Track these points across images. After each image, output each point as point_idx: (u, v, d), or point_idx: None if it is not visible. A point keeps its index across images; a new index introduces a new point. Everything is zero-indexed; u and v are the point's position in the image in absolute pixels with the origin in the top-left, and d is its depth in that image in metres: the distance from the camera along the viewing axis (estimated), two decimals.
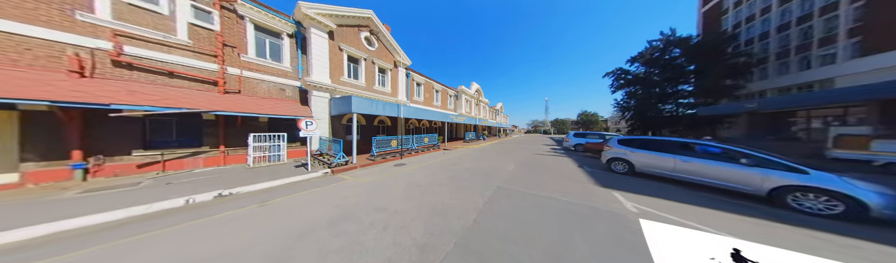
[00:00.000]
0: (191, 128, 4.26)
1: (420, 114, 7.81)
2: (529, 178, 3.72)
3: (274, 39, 5.52)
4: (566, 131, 54.13)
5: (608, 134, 8.36)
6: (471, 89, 18.68)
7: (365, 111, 5.44)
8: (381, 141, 6.34)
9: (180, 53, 4.04)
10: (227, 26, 4.62)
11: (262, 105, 4.88)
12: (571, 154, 7.57)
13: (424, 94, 12.33)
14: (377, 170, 4.59)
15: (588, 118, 47.44)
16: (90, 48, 3.22)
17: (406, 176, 3.88)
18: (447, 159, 6.09)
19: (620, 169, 4.15)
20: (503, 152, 8.09)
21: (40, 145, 2.95)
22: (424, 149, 8.16)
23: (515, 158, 6.25)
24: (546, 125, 58.11)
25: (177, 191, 2.80)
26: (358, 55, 7.41)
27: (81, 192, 2.75)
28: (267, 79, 5.32)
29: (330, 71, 6.40)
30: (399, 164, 5.37)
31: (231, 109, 4.06)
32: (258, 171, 4.18)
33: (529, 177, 3.79)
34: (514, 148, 9.74)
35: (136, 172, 3.68)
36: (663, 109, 13.57)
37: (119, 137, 3.51)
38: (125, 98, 3.14)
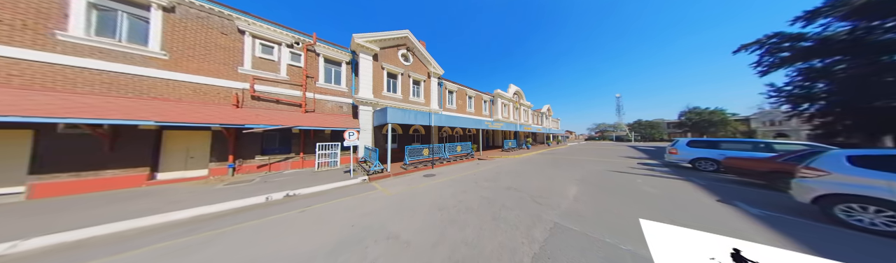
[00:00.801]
0: (285, 140, 5.83)
1: (452, 122, 7.52)
2: (615, 213, 2.34)
3: (336, 67, 7.00)
4: (658, 137, 36.73)
5: (784, 142, 4.68)
6: (508, 92, 16.91)
7: (399, 121, 5.69)
8: (413, 151, 6.42)
9: (282, 86, 5.74)
10: (309, 62, 6.26)
11: (326, 120, 6.08)
12: (686, 173, 4.78)
13: (457, 102, 12.14)
14: (406, 180, 4.50)
15: (703, 117, 27.97)
16: (241, 89, 5.07)
17: (432, 192, 3.49)
18: (481, 172, 5.27)
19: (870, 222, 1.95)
20: (556, 165, 6.31)
21: (217, 151, 4.76)
22: (457, 159, 7.66)
23: (576, 175, 4.58)
24: (620, 129, 42.38)
25: (267, 189, 3.68)
26: (396, 71, 8.25)
27: (226, 184, 4.12)
28: (331, 99, 6.71)
29: (373, 87, 7.37)
30: (429, 175, 5.11)
31: (305, 124, 5.23)
32: (319, 175, 5.04)
33: (616, 211, 2.41)
34: (572, 160, 7.47)
35: (256, 171, 5.28)
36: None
37: (250, 146, 5.21)
38: (253, 119, 4.63)
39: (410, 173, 5.46)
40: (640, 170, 5.18)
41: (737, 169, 3.72)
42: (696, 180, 4.00)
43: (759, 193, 3.10)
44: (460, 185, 3.87)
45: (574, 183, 3.82)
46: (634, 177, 4.29)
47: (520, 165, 6.51)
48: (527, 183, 3.87)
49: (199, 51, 4.59)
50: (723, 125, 26.92)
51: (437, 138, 10.33)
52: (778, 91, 9.39)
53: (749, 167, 3.54)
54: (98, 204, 2.89)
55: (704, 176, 4.36)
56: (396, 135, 8.63)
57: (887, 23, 7.11)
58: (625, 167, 5.80)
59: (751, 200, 2.84)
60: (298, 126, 5.02)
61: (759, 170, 3.34)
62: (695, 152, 5.26)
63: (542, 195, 3.12)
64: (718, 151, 4.95)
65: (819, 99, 8.52)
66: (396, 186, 4.00)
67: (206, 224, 2.34)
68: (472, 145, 9.16)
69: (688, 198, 2.86)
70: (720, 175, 4.54)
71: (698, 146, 5.34)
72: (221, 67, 4.84)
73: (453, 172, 5.45)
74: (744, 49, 9.75)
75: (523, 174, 4.89)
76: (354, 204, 2.92)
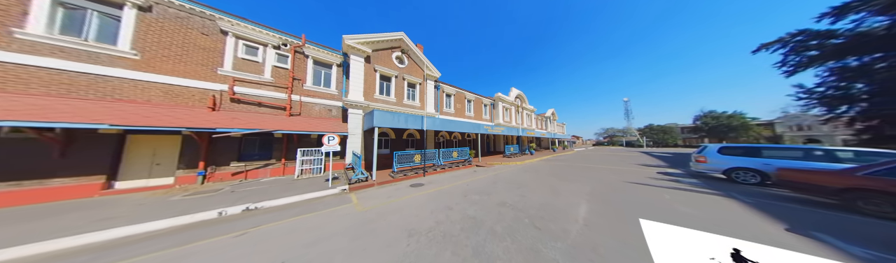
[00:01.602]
0: (266, 145, 5.45)
1: (447, 126, 7.02)
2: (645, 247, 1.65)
3: (326, 69, 6.75)
4: (671, 143, 34.02)
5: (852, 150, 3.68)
6: (509, 96, 16.45)
7: (388, 124, 5.24)
8: (402, 157, 5.90)
9: (266, 89, 5.46)
10: (296, 64, 6.02)
11: (312, 123, 5.70)
12: (722, 186, 3.96)
13: (455, 105, 11.72)
14: (389, 191, 3.97)
15: (720, 121, 26.38)
16: (219, 90, 4.78)
17: (410, 208, 2.93)
18: (476, 182, 4.65)
19: None
20: (561, 174, 5.58)
21: (187, 158, 4.38)
22: (452, 166, 7.06)
23: (585, 188, 3.86)
24: (630, 134, 40.33)
25: (229, 201, 3.22)
26: (389, 73, 7.96)
27: (187, 195, 3.68)
28: (319, 102, 6.39)
29: (364, 90, 7.05)
30: (416, 184, 4.54)
31: (288, 128, 4.85)
32: (297, 184, 4.57)
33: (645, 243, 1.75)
34: (582, 169, 6.71)
35: (231, 179, 4.86)
36: None
37: (225, 152, 4.83)
38: (227, 123, 4.28)
39: (398, 182, 4.92)
40: (664, 182, 4.38)
41: (797, 183, 2.91)
42: (739, 197, 3.21)
43: (835, 218, 2.33)
44: (446, 199, 3.28)
45: (584, 199, 3.15)
46: (660, 192, 3.53)
47: (520, 174, 5.85)
48: (525, 199, 3.23)
49: (176, 51, 4.38)
50: (744, 130, 25.16)
51: (433, 143, 9.81)
52: (809, 92, 8.53)
53: (816, 181, 2.74)
54: (5, 222, 2.46)
55: (747, 191, 3.54)
56: (389, 140, 8.17)
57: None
58: (643, 177, 5.00)
59: (833, 230, 2.09)
60: (279, 130, 4.64)
61: (833, 187, 2.57)
62: (729, 161, 4.44)
63: (543, 216, 2.49)
64: (761, 160, 4.15)
65: (859, 100, 7.60)
66: (373, 199, 3.46)
67: (107, 254, 1.84)
68: (469, 151, 8.57)
69: (742, 225, 2.14)
70: (767, 189, 3.72)
71: (733, 153, 4.51)
72: (198, 68, 4.60)
73: (445, 181, 4.86)
74: (764, 48, 9.06)
75: (523, 185, 4.24)
76: (312, 225, 2.40)
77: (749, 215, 2.46)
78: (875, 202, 2.31)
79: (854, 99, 7.67)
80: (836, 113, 8.01)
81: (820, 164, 3.65)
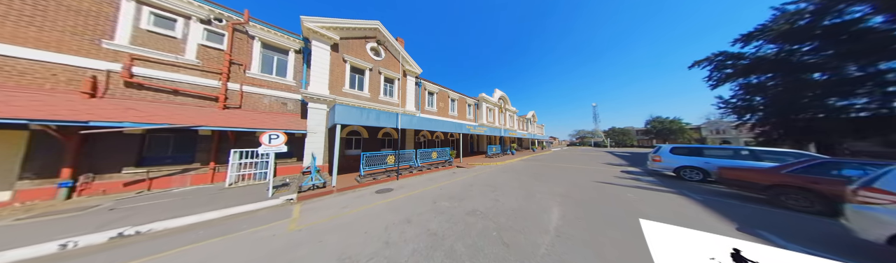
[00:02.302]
0: (186, 145, 4.22)
1: (426, 125, 6.55)
2: (618, 256, 1.59)
3: (281, 55, 5.68)
4: (629, 144, 40.06)
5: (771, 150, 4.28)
6: (493, 97, 16.75)
7: (354, 121, 4.55)
8: (372, 158, 5.23)
9: (187, 72, 4.25)
10: (237, 46, 4.88)
11: (257, 119, 4.65)
12: (675, 184, 4.32)
13: (438, 104, 11.32)
14: (346, 200, 3.33)
15: (665, 125, 32.54)
16: (105, 71, 3.50)
17: (360, 223, 2.38)
18: (451, 185, 4.28)
19: None
20: (538, 174, 5.60)
21: (39, 164, 3.04)
22: (431, 167, 6.60)
23: (559, 189, 3.83)
24: (597, 135, 46.03)
25: (92, 224, 2.23)
26: (362, 65, 7.16)
27: (21, 218, 2.48)
28: (269, 93, 5.30)
29: (330, 82, 6.15)
30: (384, 190, 3.96)
31: (217, 123, 3.79)
32: (225, 194, 3.59)
33: (618, 250, 1.67)
34: (557, 168, 6.93)
35: (123, 190, 3.58)
36: (839, 106, 7.75)
37: (114, 154, 3.54)
38: (114, 115, 3.09)
39: (363, 187, 4.28)
40: (627, 181, 4.66)
41: (734, 181, 3.21)
42: (691, 194, 3.46)
43: (774, 215, 2.54)
44: (411, 208, 2.83)
45: (557, 202, 3.03)
46: (625, 191, 3.69)
47: (499, 175, 5.70)
48: (499, 204, 2.97)
49: (22, 8, 3.03)
50: (681, 133, 30.92)
51: (413, 143, 9.20)
52: (725, 103, 10.44)
53: (748, 179, 3.04)
54: None
55: (695, 188, 3.91)
56: (361, 140, 7.31)
57: (804, 47, 8.35)
58: (610, 176, 5.29)
59: (776, 228, 2.23)
60: (202, 125, 3.58)
61: (761, 184, 2.86)
62: (679, 160, 4.89)
63: (513, 225, 2.22)
64: (703, 159, 4.62)
65: (758, 110, 9.57)
66: (322, 211, 2.82)
67: None
68: (450, 151, 8.23)
69: (698, 224, 2.25)
70: (709, 186, 4.16)
71: (681, 153, 4.98)
72: (67, 38, 3.29)
73: (418, 185, 4.38)
74: (697, 65, 10.87)
75: (499, 187, 4.02)
76: (203, 257, 1.71)
77: (702, 213, 2.60)
78: (794, 197, 2.57)
79: (755, 109, 9.65)
80: (744, 120, 9.97)
81: (750, 163, 4.08)
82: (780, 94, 8.74)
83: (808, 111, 8.22)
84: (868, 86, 7.25)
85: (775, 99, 8.96)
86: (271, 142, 3.48)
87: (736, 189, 3.25)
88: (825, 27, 7.73)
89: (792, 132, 8.89)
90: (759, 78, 9.54)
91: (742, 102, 10.01)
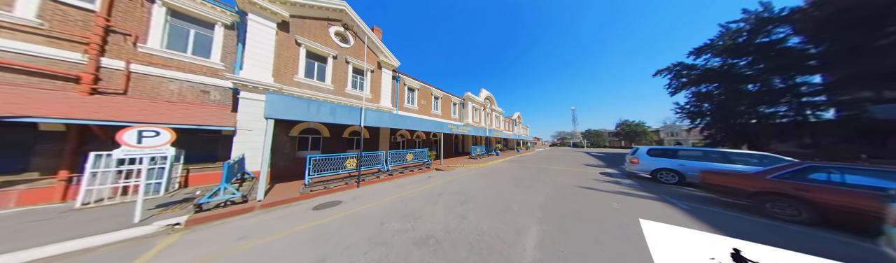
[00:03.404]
0: (14, 146, 2.79)
1: (400, 123, 5.74)
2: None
3: (201, 29, 4.39)
4: (602, 144, 43.92)
5: (740, 152, 4.34)
6: (480, 96, 16.51)
7: (296, 116, 3.58)
8: (324, 162, 4.25)
9: (21, 37, 2.84)
10: (122, 8, 3.53)
11: (148, 110, 3.36)
12: (654, 188, 4.12)
13: (419, 101, 10.52)
14: (259, 224, 2.40)
15: (631, 128, 37.03)
16: None
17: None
18: (417, 195, 3.56)
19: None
20: (519, 179, 5.17)
21: None
22: (405, 171, 5.79)
23: (539, 197, 3.37)
24: (575, 137, 50.07)
25: None
26: (324, 52, 6.08)
27: None
28: (180, 77, 3.99)
29: (276, 68, 4.99)
30: (327, 205, 3.08)
31: (62, 114, 2.51)
32: (68, 218, 2.41)
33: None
34: (539, 171, 6.65)
35: None
36: (768, 113, 9.01)
37: None
38: None
39: (303, 200, 3.35)
40: (608, 185, 4.44)
41: (716, 186, 2.95)
42: (674, 201, 3.18)
43: (763, 226, 2.27)
44: (343, 235, 2.04)
45: (536, 218, 2.51)
46: (607, 198, 3.36)
47: (478, 179, 5.14)
48: (465, 223, 2.33)
49: None
50: (644, 135, 35.31)
51: (388, 143, 8.24)
52: (681, 108, 11.60)
53: (732, 185, 2.78)
54: None
55: (675, 193, 3.68)
56: (320, 140, 6.16)
57: (742, 61, 9.57)
58: (590, 179, 5.07)
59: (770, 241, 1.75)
60: (23, 116, 2.31)
61: (746, 190, 2.62)
62: (655, 162, 4.75)
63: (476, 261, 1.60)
64: (678, 161, 4.51)
65: (706, 116, 10.76)
66: (203, 245, 1.91)
67: None
68: (428, 152, 7.49)
69: None
70: (685, 189, 3.99)
71: (658, 155, 4.84)
72: None
73: (376, 195, 3.58)
74: (659, 73, 11.93)
75: (472, 197, 3.41)
76: None
77: (693, 225, 2.30)
78: (780, 205, 2.35)
79: (704, 115, 10.87)
80: (695, 123, 11.17)
81: (728, 166, 3.94)
82: (723, 102, 9.93)
83: (744, 117, 9.42)
84: (788, 97, 8.49)
85: (719, 106, 10.16)
86: (144, 142, 2.37)
87: (718, 195, 3.00)
88: (757, 44, 8.93)
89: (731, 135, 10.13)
90: (707, 87, 10.75)
91: (694, 108, 11.20)
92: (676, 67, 11.39)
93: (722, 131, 10.46)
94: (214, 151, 4.38)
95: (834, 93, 7.91)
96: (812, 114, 8.20)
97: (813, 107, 8.11)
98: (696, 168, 4.16)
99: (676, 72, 11.41)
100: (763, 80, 8.92)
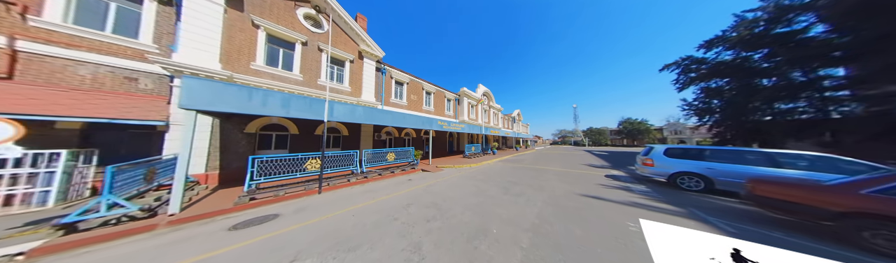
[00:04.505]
0: None
1: (377, 118, 5.01)
2: None
3: (126, 3, 3.62)
4: (604, 142, 42.66)
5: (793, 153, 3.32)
6: (476, 92, 15.73)
7: (229, 108, 2.90)
8: (270, 164, 3.54)
9: None
10: None
11: (40, 99, 2.65)
12: (676, 197, 3.30)
13: (409, 96, 9.78)
14: (147, 251, 1.73)
15: (634, 126, 36.09)
16: None
17: None
18: (379, 208, 2.85)
19: None
20: (512, 182, 4.49)
21: None
22: (383, 172, 5.11)
23: (530, 213, 2.62)
24: (577, 135, 49.40)
25: None
26: (291, 37, 5.32)
27: None
28: (94, 59, 3.25)
29: (225, 52, 4.24)
30: (255, 222, 2.40)
31: None
32: None
33: None
34: (535, 173, 5.97)
35: None
36: (785, 110, 8.30)
37: None
38: None
39: (241, 211, 2.71)
40: (616, 192, 3.64)
41: (776, 201, 2.07)
42: (709, 219, 2.39)
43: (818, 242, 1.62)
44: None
45: (519, 248, 1.74)
46: (618, 213, 2.58)
47: (463, 183, 4.46)
48: (414, 258, 1.60)
49: None
50: (647, 133, 34.35)
51: (372, 141, 7.54)
52: (689, 105, 10.90)
53: (803, 201, 1.93)
54: None
55: (705, 205, 2.86)
56: (287, 137, 5.44)
57: (757, 54, 8.82)
58: (594, 185, 4.31)
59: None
60: None
61: (827, 209, 1.80)
62: (675, 164, 3.87)
63: None
64: (704, 164, 3.59)
65: (715, 112, 10.07)
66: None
67: None
68: (414, 152, 6.80)
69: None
70: (715, 198, 3.17)
71: (677, 155, 3.94)
72: None
73: (331, 205, 2.91)
74: (666, 68, 11.19)
75: (445, 211, 2.68)
76: None
77: None
78: (888, 235, 1.57)
79: (713, 111, 10.18)
80: (703, 121, 10.48)
81: (755, 169, 3.15)
82: (734, 98, 9.22)
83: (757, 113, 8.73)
84: (809, 91, 7.77)
85: (730, 102, 9.46)
86: None
87: (776, 212, 2.10)
88: (776, 35, 8.17)
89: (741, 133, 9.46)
90: (717, 82, 10.03)
91: (702, 105, 10.50)
92: (685, 61, 10.63)
93: (732, 129, 9.80)
94: (147, 150, 3.67)
95: (861, 86, 7.20)
96: (835, 110, 7.51)
97: (836, 103, 7.41)
98: (728, 172, 3.35)
99: (685, 66, 10.66)
100: (781, 74, 8.20)
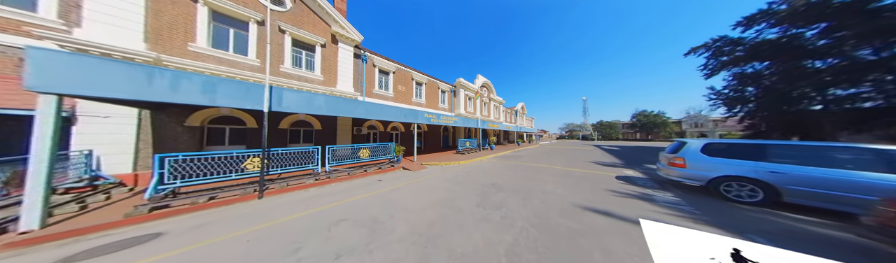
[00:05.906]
0: None
1: (345, 109, 4.25)
2: None
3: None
4: (614, 137, 40.26)
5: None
6: (475, 84, 14.63)
7: (108, 92, 2.25)
8: (194, 163, 2.89)
9: None
10: None
11: None
12: (715, 209, 2.31)
13: (396, 87, 8.95)
14: None
15: (649, 119, 33.15)
16: None
17: None
18: (291, 230, 2.12)
19: None
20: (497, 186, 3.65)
21: None
22: (359, 170, 4.44)
23: (498, 244, 1.64)
24: (586, 129, 46.32)
25: None
26: (240, 14, 4.55)
27: None
28: None
29: (153, 29, 3.55)
30: (116, 247, 1.71)
31: None
32: None
33: None
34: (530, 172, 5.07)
35: None
36: (843, 96, 6.84)
37: None
38: None
39: (132, 225, 2.13)
40: (632, 203, 2.59)
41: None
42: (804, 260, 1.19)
43: None
44: None
45: None
46: (641, 244, 1.48)
47: (435, 187, 3.67)
48: None
49: None
50: (664, 126, 31.46)
51: (350, 136, 6.88)
52: (717, 94, 9.46)
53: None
54: None
55: (773, 229, 1.87)
56: (246, 131, 4.82)
57: (811, 31, 7.22)
58: (601, 191, 3.26)
59: None
60: None
61: None
62: (719, 166, 2.70)
63: None
64: (767, 165, 2.43)
65: (750, 102, 8.65)
66: None
67: None
68: (394, 147, 6.10)
69: None
70: (786, 217, 2.15)
71: (721, 153, 2.76)
72: None
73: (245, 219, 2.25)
74: (693, 52, 9.66)
75: (379, 236, 1.83)
76: None
77: None
78: None
79: (746, 101, 8.73)
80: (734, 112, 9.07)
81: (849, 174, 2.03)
82: (775, 84, 7.76)
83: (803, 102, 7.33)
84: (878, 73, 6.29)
85: (769, 89, 7.99)
86: None
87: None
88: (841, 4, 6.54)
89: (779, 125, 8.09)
90: (753, 66, 8.50)
91: (734, 93, 9.03)
92: (717, 43, 9.04)
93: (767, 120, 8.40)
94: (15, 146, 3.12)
95: None
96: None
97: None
98: (810, 180, 2.21)
99: (716, 48, 9.08)
100: (842, 53, 6.68)
